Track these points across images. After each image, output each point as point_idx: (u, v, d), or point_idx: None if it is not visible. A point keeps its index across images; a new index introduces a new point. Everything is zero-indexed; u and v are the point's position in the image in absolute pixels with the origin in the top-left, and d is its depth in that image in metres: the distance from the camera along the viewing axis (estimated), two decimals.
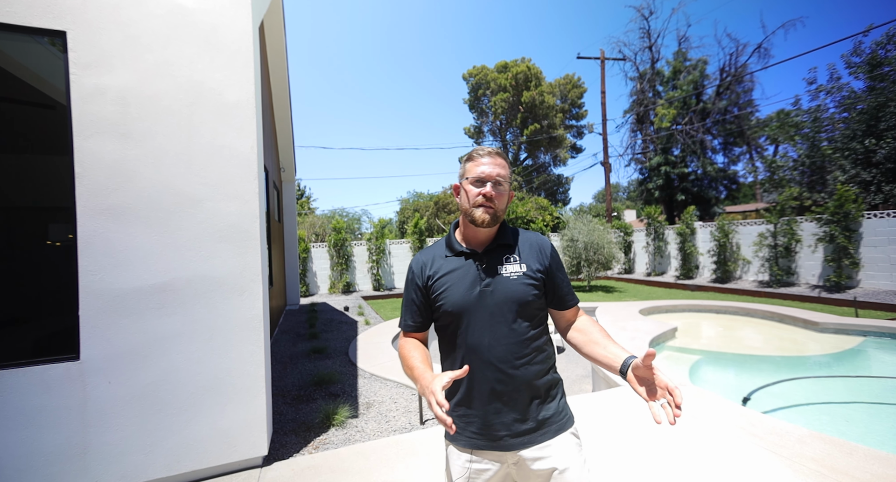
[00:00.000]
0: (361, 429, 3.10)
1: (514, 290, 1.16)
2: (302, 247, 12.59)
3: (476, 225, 1.19)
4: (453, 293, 1.18)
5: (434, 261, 1.26)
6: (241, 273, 2.50)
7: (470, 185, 1.20)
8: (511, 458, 1.16)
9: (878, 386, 4.57)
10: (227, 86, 2.46)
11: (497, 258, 1.21)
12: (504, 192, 1.20)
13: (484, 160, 1.20)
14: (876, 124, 11.41)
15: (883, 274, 8.45)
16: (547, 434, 1.16)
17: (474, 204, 1.18)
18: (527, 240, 1.26)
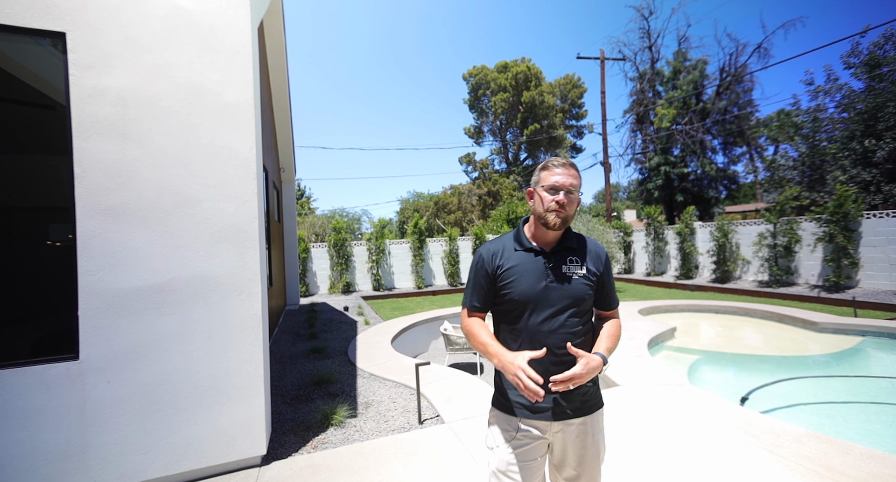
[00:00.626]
0: (360, 429, 3.11)
1: (574, 288, 1.35)
2: (302, 247, 12.60)
3: (548, 227, 1.36)
4: (521, 284, 1.35)
5: (504, 253, 1.42)
6: (239, 273, 2.51)
7: (545, 192, 1.36)
8: (555, 428, 1.37)
9: (876, 386, 4.57)
10: (227, 87, 2.47)
11: (562, 258, 1.39)
12: (574, 199, 1.36)
13: (558, 170, 1.36)
14: (875, 124, 11.42)
15: (882, 274, 8.46)
16: (584, 411, 1.37)
17: (548, 209, 1.34)
18: (587, 246, 1.44)
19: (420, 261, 13.48)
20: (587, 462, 1.38)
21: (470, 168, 31.86)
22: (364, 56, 67.27)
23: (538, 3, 55.40)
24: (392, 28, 64.36)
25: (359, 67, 67.55)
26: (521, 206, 17.12)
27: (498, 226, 16.34)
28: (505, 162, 31.59)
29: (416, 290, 12.87)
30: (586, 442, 1.37)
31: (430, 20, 60.09)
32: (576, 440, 1.37)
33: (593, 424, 1.39)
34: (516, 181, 27.61)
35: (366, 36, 66.20)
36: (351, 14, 63.65)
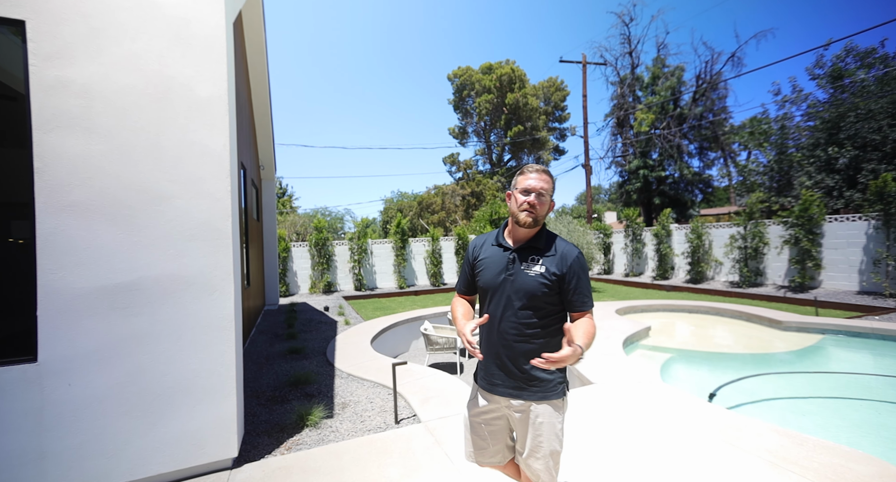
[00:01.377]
0: (336, 430, 3.09)
1: (527, 283, 1.49)
2: (282, 246, 12.38)
3: (519, 225, 1.51)
4: (486, 274, 1.58)
5: (483, 247, 1.65)
6: (211, 272, 2.46)
7: (519, 193, 1.52)
8: (503, 402, 1.57)
9: (834, 381, 4.81)
10: (200, 81, 2.42)
11: (524, 256, 1.53)
12: (545, 201, 1.51)
13: (532, 175, 1.52)
14: (837, 133, 12.00)
15: (842, 275, 8.90)
16: (532, 395, 1.51)
17: (520, 208, 1.50)
18: (557, 248, 1.54)
19: (402, 262, 13.44)
20: (530, 444, 1.52)
21: (454, 168, 31.93)
22: (348, 54, 66.57)
23: (523, 6, 55.96)
24: (376, 26, 63.91)
25: (343, 66, 66.79)
26: (504, 207, 17.26)
27: (481, 226, 16.43)
28: (489, 163, 31.80)
29: (399, 290, 12.82)
30: (528, 425, 1.52)
31: (416, 20, 59.95)
32: (519, 421, 1.55)
33: (539, 412, 1.51)
34: (500, 182, 27.81)
35: (350, 34, 65.55)
36: (335, 12, 62.89)
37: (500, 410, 1.59)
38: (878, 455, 2.87)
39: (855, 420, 3.88)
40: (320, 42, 66.66)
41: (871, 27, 14.64)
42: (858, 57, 12.62)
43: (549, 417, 1.51)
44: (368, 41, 65.57)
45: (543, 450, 1.50)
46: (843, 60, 12.65)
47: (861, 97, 11.82)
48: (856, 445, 3.28)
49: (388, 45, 64.17)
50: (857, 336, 5.86)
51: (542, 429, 1.50)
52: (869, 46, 12.60)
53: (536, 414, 1.51)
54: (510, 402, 1.54)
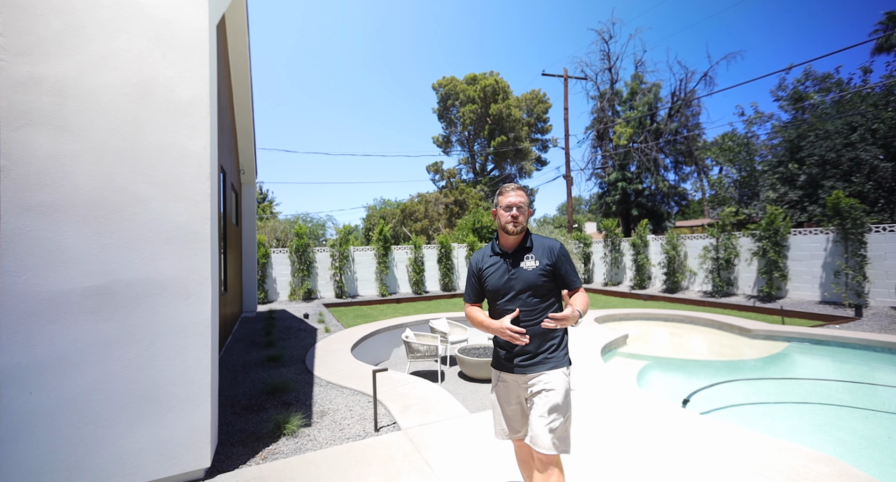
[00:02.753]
0: (314, 438, 3.03)
1: (529, 276, 1.84)
2: (262, 252, 12.12)
3: (508, 234, 1.89)
4: (493, 279, 1.90)
5: (483, 259, 1.98)
6: (188, 276, 2.40)
7: (502, 210, 1.90)
8: (521, 380, 1.86)
9: (799, 386, 5.02)
10: (180, 83, 2.39)
11: (520, 257, 1.88)
12: (524, 212, 1.88)
13: (511, 194, 1.90)
14: (799, 151, 12.70)
15: (806, 285, 9.34)
16: (544, 366, 1.82)
17: (506, 222, 1.88)
18: (542, 244, 1.91)
19: (385, 269, 13.35)
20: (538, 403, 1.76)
21: (437, 177, 32.09)
22: (332, 60, 66.49)
23: (507, 20, 57.35)
24: (362, 33, 64.16)
25: (327, 72, 66.58)
26: (487, 216, 17.44)
27: (464, 234, 16.52)
28: (472, 172, 32.10)
29: (381, 298, 12.70)
30: (540, 392, 1.78)
31: (402, 29, 60.53)
32: (530, 388, 1.82)
33: (549, 379, 1.79)
34: (483, 191, 28.08)
35: (335, 39, 65.55)
36: (321, 17, 62.91)
37: (520, 386, 1.88)
38: (837, 456, 3.00)
39: (817, 423, 4.05)
40: (304, 47, 66.39)
41: (828, 54, 15.69)
42: (817, 81, 13.47)
43: (560, 379, 1.80)
44: (353, 48, 65.70)
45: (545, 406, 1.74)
46: (802, 84, 13.47)
47: (819, 119, 12.57)
48: (818, 447, 3.43)
49: (372, 52, 64.45)
50: (820, 344, 6.15)
51: (551, 388, 1.77)
52: (825, 72, 13.49)
53: (547, 380, 1.79)
54: (526, 377, 1.84)
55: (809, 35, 42.58)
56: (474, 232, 16.76)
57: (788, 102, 13.65)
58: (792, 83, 13.74)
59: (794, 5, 43.68)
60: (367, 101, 64.98)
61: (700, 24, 41.48)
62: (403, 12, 57.49)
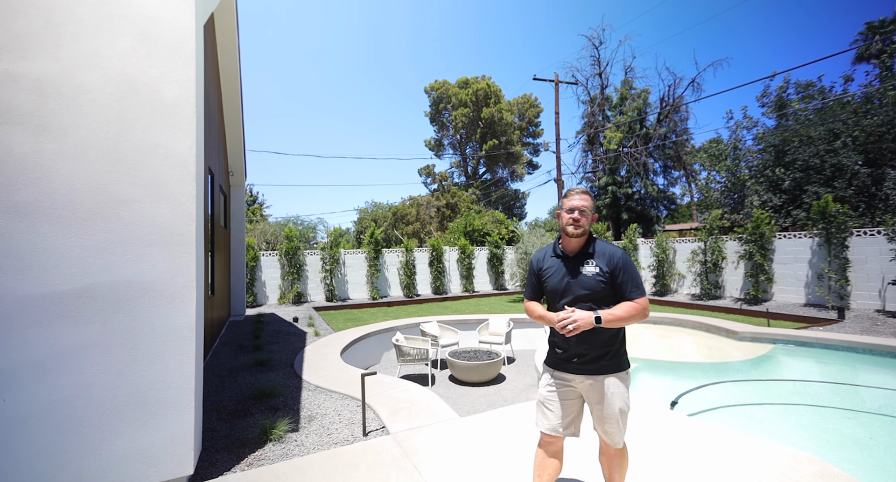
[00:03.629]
0: (301, 444, 2.98)
1: (587, 281, 1.88)
2: (251, 255, 11.98)
3: (569, 236, 1.93)
4: (552, 280, 1.96)
5: (544, 259, 2.04)
6: (172, 279, 2.35)
7: (564, 212, 1.93)
8: (579, 380, 1.92)
9: (784, 388, 5.10)
10: (166, 83, 2.35)
11: (580, 261, 1.92)
12: (587, 215, 1.91)
13: (575, 197, 1.94)
14: (783, 157, 12.97)
15: (791, 288, 9.52)
16: (602, 370, 1.87)
17: (566, 223, 1.92)
18: (603, 251, 1.92)
19: (376, 272, 13.28)
20: (605, 410, 1.87)
21: (429, 180, 32.12)
22: (324, 63, 66.27)
23: (499, 24, 57.84)
24: (355, 34, 64.13)
25: (320, 74, 66.32)
26: (478, 219, 17.48)
27: (455, 237, 16.53)
28: (464, 175, 32.20)
29: (371, 301, 12.63)
30: (601, 395, 1.87)
31: (394, 31, 60.65)
32: (594, 392, 1.89)
33: (608, 384, 1.86)
34: (475, 194, 28.15)
35: (327, 41, 65.35)
36: (313, 18, 62.74)
37: (574, 386, 1.94)
38: (821, 456, 3.04)
39: (802, 424, 4.11)
40: (296, 49, 66.08)
41: (809, 62, 16.12)
42: (800, 89, 13.80)
43: (618, 387, 1.87)
44: (345, 50, 65.61)
45: (615, 414, 1.86)
46: (785, 91, 13.80)
47: (802, 125, 12.88)
48: (802, 448, 3.47)
49: (365, 53, 64.43)
50: (804, 345, 6.25)
51: (613, 399, 1.85)
52: (808, 80, 13.84)
53: (608, 385, 1.86)
54: (585, 379, 1.90)
55: (793, 44, 43.70)
56: (466, 235, 16.78)
57: (772, 109, 13.97)
58: (776, 90, 14.08)
59: (778, 15, 44.82)
60: (360, 103, 64.86)
61: (687, 32, 42.30)
62: (396, 14, 57.64)
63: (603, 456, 2.05)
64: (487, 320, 7.47)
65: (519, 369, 6.46)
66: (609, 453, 1.98)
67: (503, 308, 11.00)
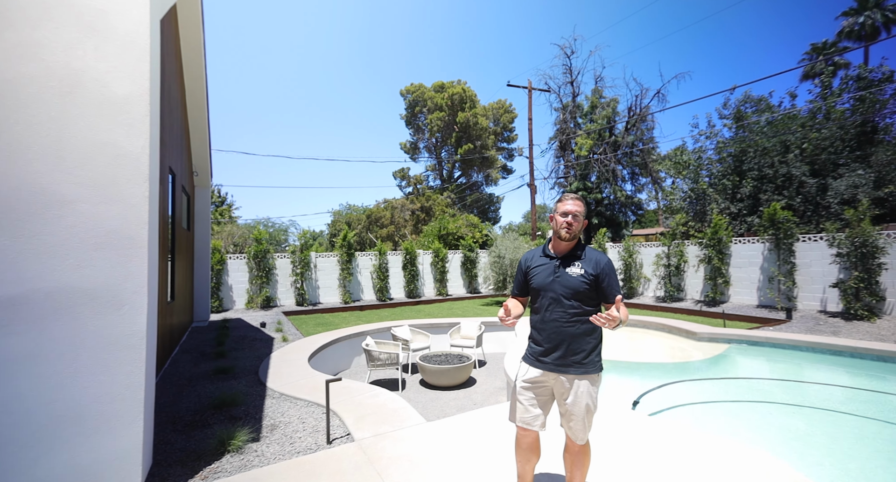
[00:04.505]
0: (261, 454, 2.88)
1: (572, 282, 1.97)
2: (217, 258, 11.53)
3: (561, 239, 2.04)
4: (538, 278, 2.05)
5: (533, 259, 2.14)
6: (121, 284, 2.23)
7: (559, 216, 2.03)
8: (552, 377, 2.01)
9: (737, 385, 5.38)
10: (116, 78, 2.24)
11: (567, 262, 2.02)
12: (579, 220, 2.02)
13: (568, 202, 2.04)
14: (741, 166, 13.76)
15: (746, 290, 10.07)
16: (576, 370, 1.95)
17: (560, 227, 2.02)
18: (591, 255, 2.02)
19: (348, 276, 13.07)
20: (572, 407, 1.96)
21: (404, 183, 32.00)
22: (296, 62, 64.95)
23: (474, 29, 58.61)
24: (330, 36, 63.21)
25: (292, 73, 64.91)
26: (453, 223, 17.56)
27: (429, 241, 16.52)
28: (439, 178, 32.26)
29: (344, 305, 12.41)
30: (570, 393, 1.96)
31: (370, 32, 60.25)
32: (564, 389, 1.98)
33: (579, 383, 1.96)
34: (450, 198, 28.26)
35: (299, 40, 64.11)
36: (284, 16, 61.40)
37: (549, 383, 2.02)
38: (771, 450, 3.23)
39: (752, 419, 4.35)
40: (268, 47, 64.42)
41: (763, 77, 17.24)
42: (753, 103, 14.72)
43: (588, 387, 1.95)
44: (320, 50, 64.56)
45: (582, 411, 1.95)
46: (743, 104, 14.70)
47: (758, 136, 13.72)
48: (752, 442, 3.67)
49: (338, 55, 63.63)
50: (756, 345, 6.63)
51: (582, 397, 1.94)
52: (761, 95, 14.80)
53: (579, 384, 1.95)
54: (558, 376, 1.98)
55: (750, 60, 46.62)
56: (440, 238, 16.81)
57: (731, 120, 14.82)
58: (734, 103, 14.94)
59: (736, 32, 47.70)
60: (334, 104, 63.92)
61: (652, 45, 44.37)
62: (371, 15, 57.32)
63: (567, 453, 2.11)
64: (459, 324, 7.50)
65: (490, 372, 6.51)
66: (573, 451, 2.06)
67: (476, 311, 11.07)
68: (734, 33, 47.66)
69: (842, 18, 23.97)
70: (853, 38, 23.16)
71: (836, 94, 13.52)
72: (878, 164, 11.85)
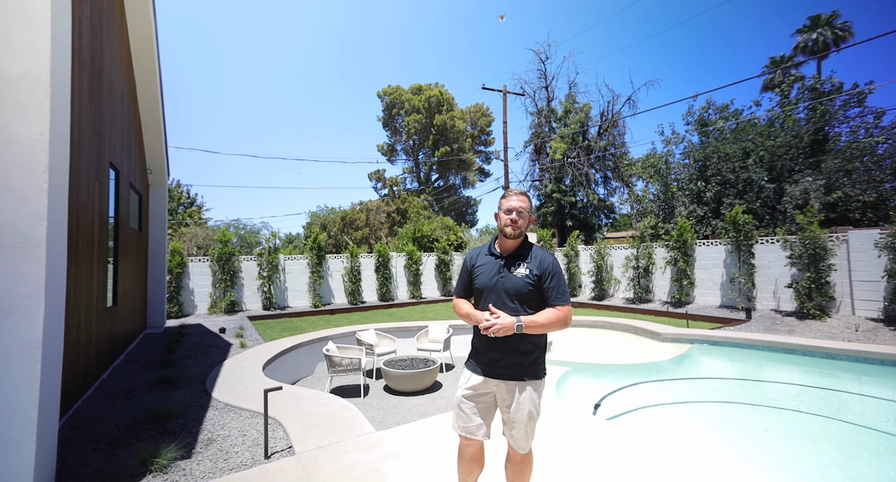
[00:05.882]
0: (189, 472, 2.64)
1: (516, 282, 1.87)
2: (177, 260, 10.96)
3: (506, 237, 1.94)
4: (482, 277, 1.95)
5: (479, 257, 2.03)
6: (10, 288, 1.98)
7: (503, 213, 1.95)
8: (494, 383, 1.92)
9: (696, 386, 5.44)
10: (6, 54, 1.99)
11: (512, 262, 1.92)
12: (524, 217, 1.92)
13: (513, 198, 1.94)
14: (706, 171, 14.23)
15: (709, 291, 10.35)
16: (518, 376, 1.87)
17: (504, 224, 1.93)
18: (536, 255, 1.93)
19: (319, 279, 12.70)
20: (514, 414, 1.87)
21: (379, 184, 31.66)
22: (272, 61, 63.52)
23: (451, 34, 58.94)
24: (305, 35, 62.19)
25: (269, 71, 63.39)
26: (427, 225, 17.42)
27: (403, 243, 16.31)
28: (417, 181, 32.09)
29: (314, 310, 12.04)
30: (513, 400, 1.87)
31: (346, 33, 59.64)
32: (506, 396, 1.89)
33: (521, 390, 1.86)
34: (426, 200, 28.12)
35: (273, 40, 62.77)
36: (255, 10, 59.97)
37: (490, 389, 1.93)
38: (723, 451, 3.22)
39: (709, 420, 4.38)
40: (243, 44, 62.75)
41: (725, 85, 17.97)
42: (717, 110, 15.30)
43: (530, 394, 1.86)
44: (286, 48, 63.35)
45: (524, 419, 1.86)
46: (707, 111, 15.25)
47: (721, 142, 14.24)
48: (712, 443, 3.67)
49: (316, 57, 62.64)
50: (716, 344, 6.77)
51: (524, 404, 1.85)
52: (724, 103, 15.40)
53: (521, 391, 1.86)
54: (500, 383, 1.89)
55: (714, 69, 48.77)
56: (414, 241, 16.63)
57: (695, 127, 15.33)
58: (699, 110, 15.48)
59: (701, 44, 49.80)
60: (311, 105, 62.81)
61: (623, 52, 45.76)
62: (348, 15, 56.78)
63: (508, 463, 2.01)
64: (427, 327, 7.34)
65: (457, 376, 6.38)
66: (514, 460, 1.96)
67: (449, 314, 10.93)
68: (699, 45, 49.77)
69: (797, 35, 25.36)
70: (807, 52, 24.51)
71: (792, 103, 14.20)
72: (827, 171, 12.48)
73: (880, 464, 3.37)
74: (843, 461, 3.42)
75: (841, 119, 13.11)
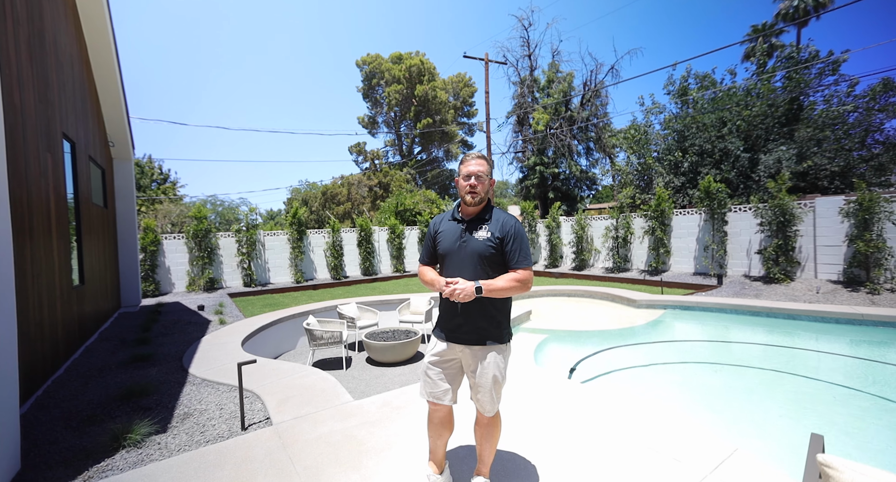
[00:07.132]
0: (164, 446, 2.64)
1: (478, 246, 1.87)
2: (150, 238, 10.60)
3: (466, 204, 1.94)
4: (445, 242, 1.96)
5: (442, 223, 2.04)
6: None
7: (461, 179, 1.93)
8: (459, 348, 1.93)
9: (666, 348, 5.69)
10: None
11: (475, 226, 1.91)
12: (484, 181, 1.90)
13: (471, 162, 1.92)
14: (684, 141, 14.32)
15: (685, 260, 10.68)
16: (482, 340, 1.88)
17: (464, 191, 1.91)
18: (499, 218, 1.93)
19: (300, 254, 12.53)
20: (479, 379, 1.89)
21: (360, 158, 30.91)
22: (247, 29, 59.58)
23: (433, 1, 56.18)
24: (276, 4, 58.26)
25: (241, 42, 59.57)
26: (410, 198, 17.22)
27: (386, 217, 16.15)
28: (399, 154, 31.42)
29: (296, 285, 11.95)
30: (478, 364, 1.89)
31: None
32: (471, 361, 1.91)
33: (486, 355, 1.88)
34: (409, 174, 27.67)
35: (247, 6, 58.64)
36: None
37: (456, 355, 1.95)
38: (690, 408, 3.39)
39: (677, 380, 4.61)
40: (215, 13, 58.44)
41: (705, 53, 17.82)
42: (697, 79, 15.22)
43: (495, 358, 1.88)
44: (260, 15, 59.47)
45: (489, 383, 1.88)
46: (686, 80, 15.16)
47: (699, 112, 14.27)
48: (682, 402, 3.87)
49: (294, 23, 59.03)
50: (688, 309, 7.05)
51: (489, 369, 1.87)
52: (704, 72, 15.30)
53: (485, 356, 1.87)
54: (464, 348, 1.91)
55: (696, 38, 48.26)
56: (397, 215, 16.48)
57: (676, 96, 15.27)
58: (679, 80, 15.37)
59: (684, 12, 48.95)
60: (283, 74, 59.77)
61: (605, 19, 44.69)
62: None
63: (477, 426, 2.06)
64: (409, 299, 7.39)
65: None
66: (482, 423, 2.00)
67: None
68: (686, 12, 48.89)
69: (779, 1, 25.08)
70: (788, 19, 24.36)
71: (769, 72, 14.22)
72: (800, 140, 12.71)
73: (829, 412, 3.64)
74: (796, 411, 3.68)
75: (816, 88, 13.23)
